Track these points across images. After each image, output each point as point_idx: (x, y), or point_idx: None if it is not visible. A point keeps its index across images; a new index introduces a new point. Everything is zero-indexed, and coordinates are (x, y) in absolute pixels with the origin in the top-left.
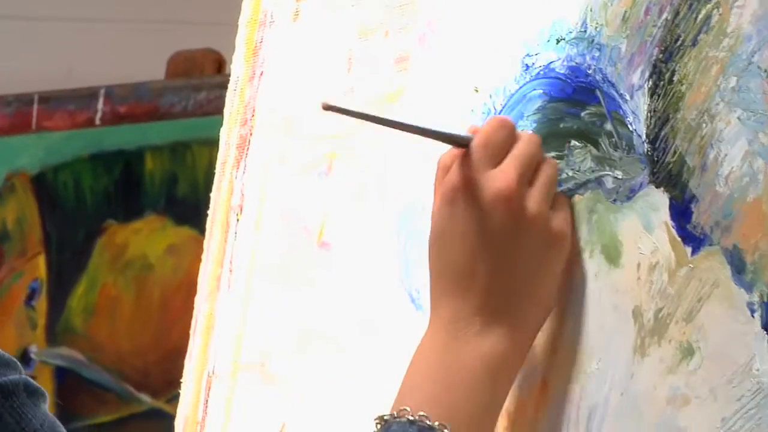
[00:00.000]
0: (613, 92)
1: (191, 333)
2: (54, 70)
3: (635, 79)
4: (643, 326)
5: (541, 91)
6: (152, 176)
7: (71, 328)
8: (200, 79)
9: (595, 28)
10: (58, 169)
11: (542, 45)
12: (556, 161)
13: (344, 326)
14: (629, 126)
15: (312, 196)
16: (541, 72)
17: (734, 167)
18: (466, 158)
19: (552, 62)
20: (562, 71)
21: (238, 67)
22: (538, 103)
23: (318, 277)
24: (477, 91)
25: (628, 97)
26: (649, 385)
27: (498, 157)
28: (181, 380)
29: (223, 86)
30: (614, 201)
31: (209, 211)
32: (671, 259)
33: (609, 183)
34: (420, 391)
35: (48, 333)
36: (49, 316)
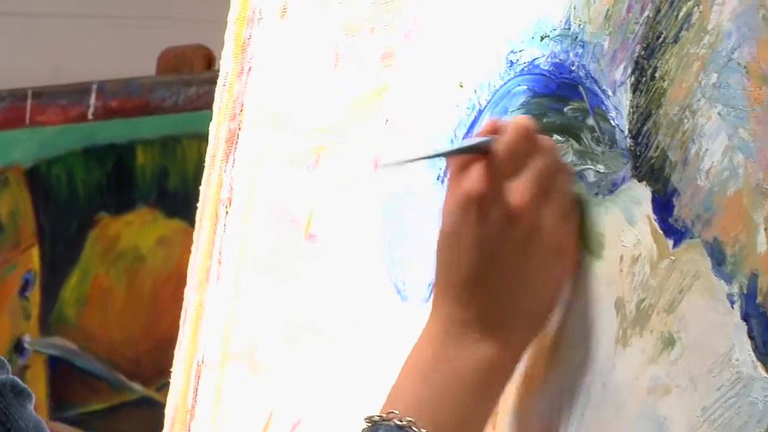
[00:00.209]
0: (596, 88)
1: (181, 323)
2: (47, 66)
3: (618, 75)
4: (625, 317)
5: (526, 87)
6: (143, 170)
7: (64, 318)
8: (190, 74)
9: (579, 25)
10: (52, 163)
11: (526, 42)
12: (572, 167)
13: (331, 317)
14: (612, 121)
15: (299, 189)
16: (526, 68)
17: (715, 162)
18: (488, 166)
19: (536, 59)
20: (546, 67)
21: (227, 63)
22: (522, 99)
23: (305, 268)
24: (462, 86)
25: (610, 93)
26: (631, 374)
27: (518, 168)
28: (171, 369)
29: (212, 82)
30: (596, 194)
31: (199, 204)
32: (653, 252)
33: (591, 177)
34: (410, 394)
35: (41, 323)
36: (42, 307)
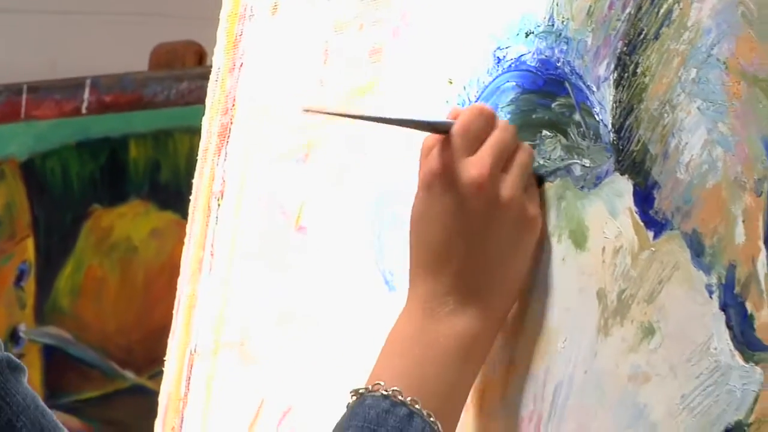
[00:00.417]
0: (581, 84)
1: (174, 313)
2: (42, 62)
3: (601, 71)
4: (606, 307)
5: (514, 83)
6: (136, 163)
7: (58, 308)
8: (182, 70)
9: (562, 22)
10: (46, 156)
11: (512, 38)
12: (531, 147)
13: (321, 307)
14: (596, 116)
15: (290, 182)
16: (513, 65)
17: (694, 155)
18: (445, 145)
19: (522, 55)
20: (533, 64)
21: (219, 59)
22: (512, 95)
23: (296, 259)
24: (451, 82)
25: (594, 89)
26: (612, 363)
27: (475, 144)
28: (164, 358)
29: (203, 77)
30: (582, 188)
31: (191, 197)
32: (634, 243)
33: (577, 171)
34: (394, 366)
35: (36, 313)
36: (37, 297)
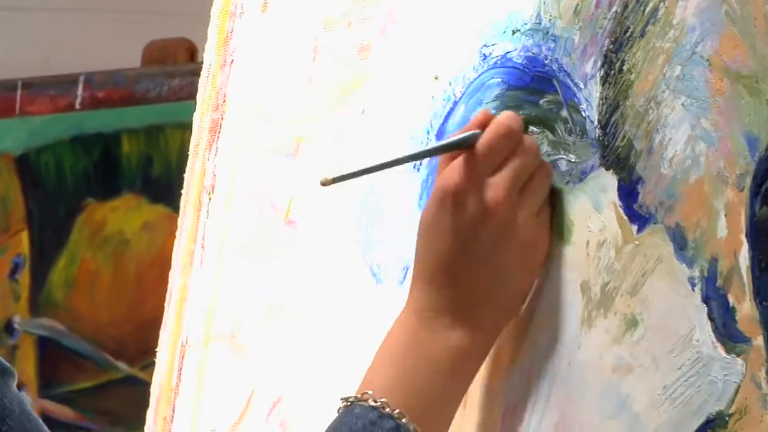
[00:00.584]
0: (569, 81)
1: (166, 305)
2: (37, 58)
3: (588, 68)
4: (590, 299)
5: (500, 80)
6: (129, 158)
7: (52, 300)
8: (174, 66)
9: (549, 20)
10: (41, 151)
11: (498, 36)
12: (551, 166)
13: (309, 299)
14: (583, 113)
15: (280, 177)
16: (499, 61)
17: (678, 151)
18: (467, 161)
19: (509, 52)
20: (520, 61)
21: (210, 56)
22: (497, 91)
23: (285, 252)
24: (437, 78)
25: (582, 86)
26: (596, 354)
27: (497, 164)
28: (156, 349)
29: (195, 73)
30: (567, 183)
31: (183, 191)
32: (618, 237)
33: (563, 166)
34: (385, 375)
35: (31, 305)
36: (31, 289)
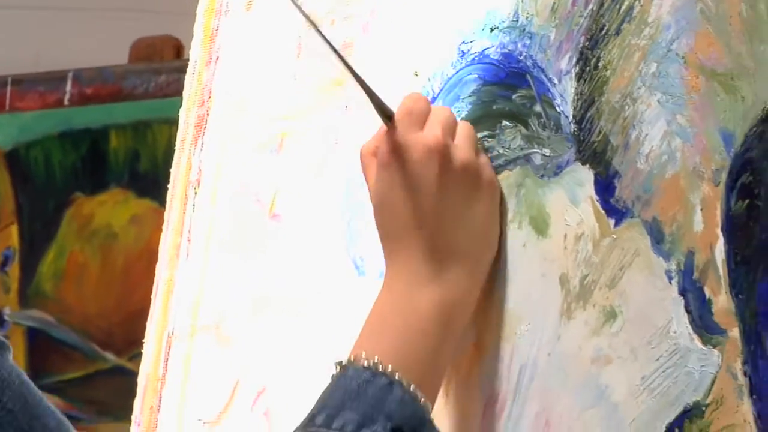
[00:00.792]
0: (543, 77)
1: (153, 297)
2: (26, 55)
3: (563, 64)
4: (569, 292)
5: (476, 76)
6: (116, 153)
7: (42, 292)
8: (160, 63)
9: (527, 17)
10: (30, 146)
11: (477, 33)
12: (468, 122)
13: (293, 291)
14: (557, 108)
15: (264, 172)
16: (476, 58)
17: (654, 146)
18: (392, 129)
19: (486, 49)
20: (496, 57)
21: (195, 53)
22: (473, 87)
23: (269, 246)
24: (417, 75)
25: (556, 81)
26: (575, 346)
27: (421, 122)
28: (143, 340)
29: (181, 70)
30: (542, 176)
31: (169, 185)
32: (596, 230)
33: (537, 160)
34: (376, 338)
35: (20, 296)
36: (21, 281)
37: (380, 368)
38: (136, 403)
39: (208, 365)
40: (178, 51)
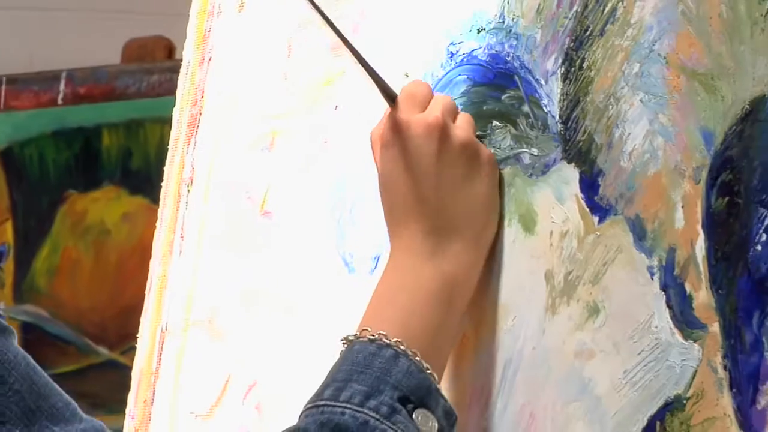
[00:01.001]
0: (530, 77)
1: (146, 293)
2: (21, 55)
3: (549, 65)
4: (554, 287)
5: (466, 77)
6: (109, 151)
7: (36, 287)
8: (152, 63)
9: (512, 19)
10: (24, 145)
11: (465, 34)
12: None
13: (284, 287)
14: (544, 108)
15: (256, 170)
16: (465, 59)
17: (637, 145)
18: (395, 110)
19: (474, 50)
20: (484, 58)
21: (188, 53)
22: (463, 88)
23: (261, 242)
24: (407, 75)
25: (543, 82)
26: (559, 340)
27: (423, 105)
28: (136, 335)
29: (172, 70)
30: (530, 175)
31: (163, 183)
32: (580, 228)
33: (526, 159)
34: (381, 313)
35: (15, 291)
36: (15, 277)
37: (385, 340)
38: (130, 397)
39: (201, 359)
40: (169, 51)
